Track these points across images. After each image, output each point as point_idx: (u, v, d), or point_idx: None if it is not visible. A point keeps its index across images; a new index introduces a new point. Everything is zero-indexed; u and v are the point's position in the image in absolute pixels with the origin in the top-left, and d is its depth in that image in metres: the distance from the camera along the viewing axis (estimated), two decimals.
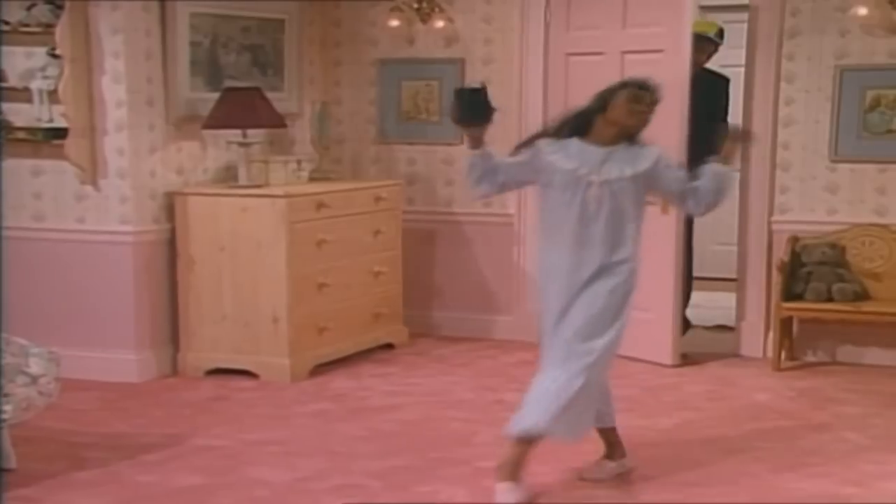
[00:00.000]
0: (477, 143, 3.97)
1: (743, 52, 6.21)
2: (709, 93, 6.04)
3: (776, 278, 5.84)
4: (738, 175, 5.79)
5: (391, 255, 6.27)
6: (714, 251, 8.34)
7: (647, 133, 4.07)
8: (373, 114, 6.76)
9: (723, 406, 5.23)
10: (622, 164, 3.98)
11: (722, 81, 6.48)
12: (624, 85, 4.05)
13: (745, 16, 6.26)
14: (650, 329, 5.81)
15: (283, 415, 5.06)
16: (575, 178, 3.94)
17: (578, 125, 4.02)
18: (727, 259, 6.88)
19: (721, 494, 4.07)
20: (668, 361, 5.89)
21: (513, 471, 3.90)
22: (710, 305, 7.33)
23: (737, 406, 5.23)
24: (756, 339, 6.14)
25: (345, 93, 6.80)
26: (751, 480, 4.21)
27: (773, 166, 6.05)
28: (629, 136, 4.02)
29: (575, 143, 3.99)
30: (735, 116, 7.37)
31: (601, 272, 3.97)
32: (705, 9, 8.42)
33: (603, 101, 4.01)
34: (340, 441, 4.66)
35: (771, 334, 5.95)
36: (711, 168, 4.04)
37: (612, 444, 4.23)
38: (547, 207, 4.05)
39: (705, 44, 6.29)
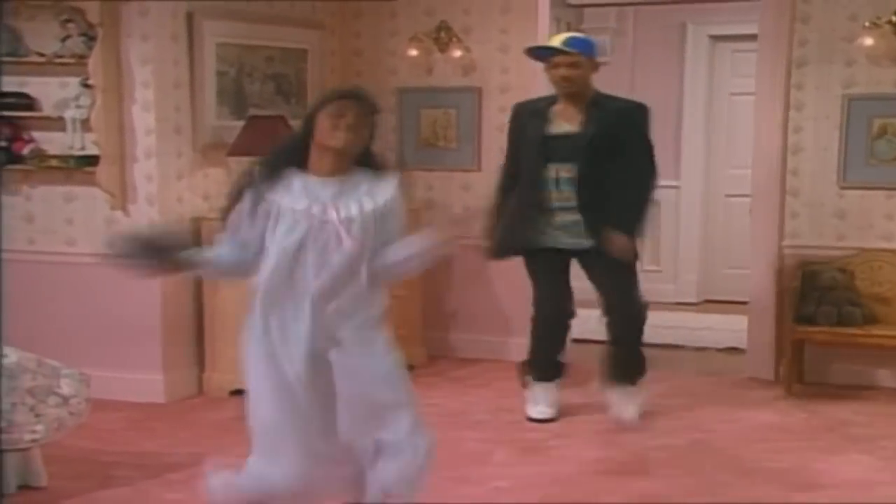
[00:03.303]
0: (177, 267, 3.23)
1: (753, 81, 6.22)
2: (611, 124, 5.00)
3: (787, 302, 5.81)
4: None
5: (410, 279, 6.25)
6: (725, 275, 8.34)
7: None
8: (392, 140, 6.77)
9: (735, 427, 5.20)
10: (361, 197, 3.21)
11: (625, 107, 5.16)
12: (325, 99, 3.26)
13: (754, 45, 6.26)
14: None
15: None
16: (307, 219, 3.14)
17: (292, 157, 3.23)
18: (739, 283, 6.86)
19: None
20: None
21: None
22: (721, 328, 7.31)
23: (749, 427, 5.20)
24: (767, 361, 6.10)
25: None
26: (762, 500, 4.18)
27: (783, 192, 6.03)
28: (358, 159, 3.24)
29: (297, 179, 3.19)
30: (736, 145, 7.34)
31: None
32: (716, 38, 8.46)
33: (308, 123, 3.23)
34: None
35: (782, 357, 5.92)
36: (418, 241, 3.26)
37: None
38: (273, 262, 3.16)
39: (552, 56, 5.03)
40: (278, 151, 3.30)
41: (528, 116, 5.17)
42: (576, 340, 6.76)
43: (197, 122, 5.72)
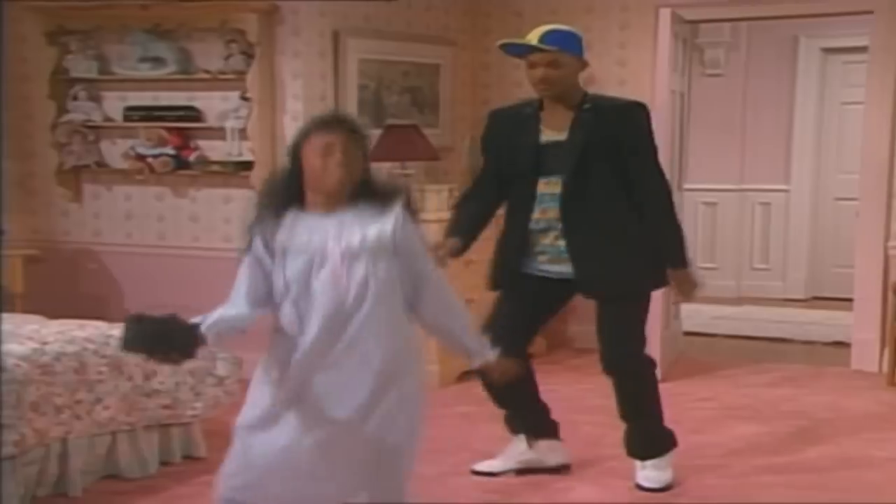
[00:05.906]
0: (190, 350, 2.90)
1: (863, 90, 6.00)
2: (607, 127, 3.89)
3: (891, 299, 5.60)
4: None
5: None
6: (833, 273, 8.08)
7: None
8: None
9: (840, 417, 5.03)
10: (364, 226, 2.76)
11: (621, 106, 4.05)
12: (307, 130, 2.78)
13: (865, 56, 6.04)
14: None
15: (432, 415, 5.01)
16: (308, 255, 2.75)
17: (289, 195, 2.79)
18: (845, 280, 6.65)
19: (835, 500, 3.91)
20: None
21: None
22: (828, 323, 7.12)
23: (852, 416, 5.03)
24: (872, 355, 5.88)
25: None
26: (864, 487, 4.04)
27: (890, 196, 5.81)
28: (358, 190, 2.80)
29: (297, 217, 2.79)
30: (846, 151, 7.04)
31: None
32: (828, 50, 8.20)
33: (295, 157, 2.78)
34: (483, 440, 4.64)
35: (886, 351, 5.70)
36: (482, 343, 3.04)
37: None
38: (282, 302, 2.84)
39: (527, 53, 3.99)
40: (273, 191, 2.83)
41: (512, 124, 4.05)
42: (687, 333, 6.67)
43: None
